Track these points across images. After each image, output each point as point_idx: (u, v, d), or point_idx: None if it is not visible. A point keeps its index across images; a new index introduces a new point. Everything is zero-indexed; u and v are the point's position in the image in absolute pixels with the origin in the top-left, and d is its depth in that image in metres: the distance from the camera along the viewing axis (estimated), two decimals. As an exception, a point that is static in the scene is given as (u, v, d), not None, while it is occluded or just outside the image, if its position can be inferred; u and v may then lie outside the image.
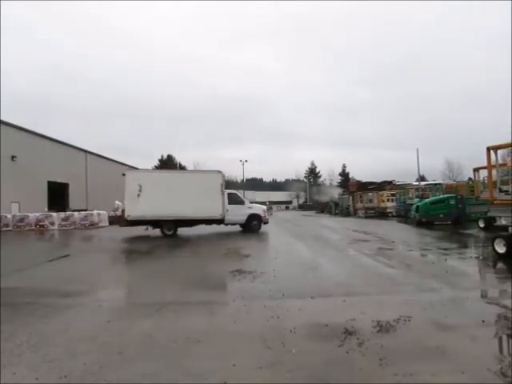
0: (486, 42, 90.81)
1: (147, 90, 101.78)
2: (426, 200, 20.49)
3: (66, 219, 24.52)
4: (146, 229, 16.54)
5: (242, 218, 16.91)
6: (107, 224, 25.87)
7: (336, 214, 38.93)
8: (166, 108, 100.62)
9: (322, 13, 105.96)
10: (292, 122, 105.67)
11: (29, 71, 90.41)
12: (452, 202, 18.36)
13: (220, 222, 16.46)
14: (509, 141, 9.68)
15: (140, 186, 15.50)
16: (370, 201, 32.34)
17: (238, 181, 70.48)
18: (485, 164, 9.81)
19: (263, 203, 43.18)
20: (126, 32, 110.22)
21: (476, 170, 12.61)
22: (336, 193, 49.90)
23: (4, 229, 22.87)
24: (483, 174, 11.50)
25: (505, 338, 3.60)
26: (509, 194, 8.76)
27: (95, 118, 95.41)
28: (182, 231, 16.76)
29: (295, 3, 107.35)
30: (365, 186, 37.08)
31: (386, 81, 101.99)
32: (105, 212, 27.00)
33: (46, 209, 29.03)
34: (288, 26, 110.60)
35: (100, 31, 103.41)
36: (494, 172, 9.56)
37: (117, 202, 32.40)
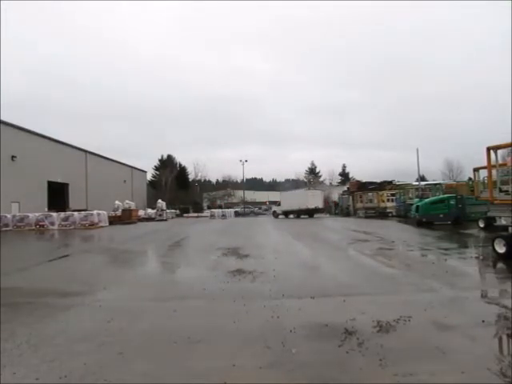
0: (486, 42, 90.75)
1: (146, 92, 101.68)
2: (426, 200, 20.47)
3: (65, 219, 24.55)
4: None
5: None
6: (107, 224, 25.89)
7: (336, 214, 38.94)
8: (166, 110, 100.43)
9: (319, 14, 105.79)
10: (291, 122, 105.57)
11: (27, 73, 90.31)
12: (452, 202, 18.33)
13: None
14: (508, 141, 9.67)
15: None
16: (370, 201, 32.26)
17: (238, 181, 70.48)
18: (485, 164, 9.81)
19: (263, 203, 43.19)
20: (120, 36, 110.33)
21: (476, 169, 12.60)
22: (337, 192, 49.84)
23: (4, 229, 22.89)
24: (483, 174, 11.50)
25: (505, 337, 3.60)
26: (509, 194, 8.75)
27: (93, 120, 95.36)
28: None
29: (288, 5, 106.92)
30: (365, 186, 36.95)
31: (384, 81, 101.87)
32: (105, 212, 27.02)
33: (46, 209, 29.06)
34: (283, 28, 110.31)
35: (96, 37, 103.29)
36: (493, 172, 9.55)
37: (117, 201, 32.54)
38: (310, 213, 33.15)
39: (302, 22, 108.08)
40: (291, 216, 33.86)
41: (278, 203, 37.94)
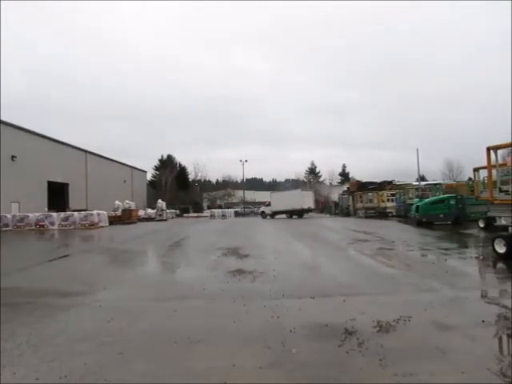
0: (486, 42, 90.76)
1: (146, 92, 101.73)
2: (426, 200, 20.48)
3: (65, 219, 24.55)
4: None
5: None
6: (107, 224, 25.89)
7: (336, 214, 38.93)
8: (166, 110, 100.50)
9: (319, 14, 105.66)
10: (291, 122, 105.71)
11: (24, 73, 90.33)
12: (452, 202, 18.34)
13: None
14: (508, 141, 9.67)
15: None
16: (370, 201, 32.25)
17: (238, 181, 70.51)
18: (484, 164, 9.81)
19: (263, 203, 43.48)
20: (120, 36, 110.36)
21: (476, 169, 12.60)
22: (337, 192, 49.84)
23: (4, 229, 22.89)
24: (483, 174, 11.50)
25: (505, 337, 3.60)
26: (509, 194, 8.75)
27: (93, 120, 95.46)
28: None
29: (288, 5, 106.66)
30: (365, 186, 36.95)
31: (384, 81, 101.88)
32: (105, 212, 27.02)
33: (46, 209, 29.05)
34: (283, 28, 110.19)
35: (96, 37, 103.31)
36: (493, 172, 9.55)
37: (117, 201, 32.54)
38: (300, 213, 33.62)
39: (302, 21, 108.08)
40: (282, 216, 34.23)
41: (267, 203, 38.22)
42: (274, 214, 35.05)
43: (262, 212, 37.62)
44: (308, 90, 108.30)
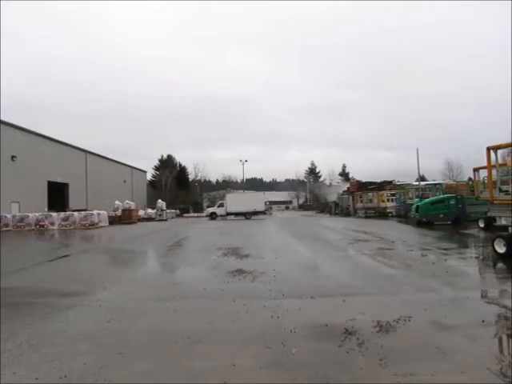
0: (486, 42, 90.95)
1: (146, 92, 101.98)
2: (426, 200, 20.47)
3: (65, 219, 24.54)
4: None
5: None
6: (107, 224, 25.89)
7: (336, 214, 38.91)
8: (166, 110, 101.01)
9: (319, 14, 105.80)
10: (290, 122, 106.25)
11: (23, 73, 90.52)
12: (452, 202, 18.35)
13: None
14: (508, 141, 9.68)
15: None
16: (370, 201, 32.24)
17: (238, 181, 70.54)
18: (484, 164, 9.82)
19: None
20: (120, 36, 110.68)
21: (476, 169, 12.61)
22: (336, 192, 49.84)
23: (4, 229, 22.87)
24: (483, 174, 11.50)
25: (505, 337, 3.60)
26: (509, 194, 8.76)
27: (93, 120, 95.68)
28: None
29: (289, 5, 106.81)
30: (365, 186, 36.94)
31: (385, 81, 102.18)
32: (105, 212, 27.02)
33: (46, 209, 29.04)
34: (283, 28, 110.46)
35: (97, 37, 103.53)
36: (493, 172, 9.56)
37: (117, 201, 32.54)
38: (250, 215, 33.98)
39: (302, 22, 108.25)
40: (231, 217, 34.31)
41: (218, 204, 37.38)
42: (226, 215, 34.63)
43: (213, 213, 35.51)
44: (308, 90, 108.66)
